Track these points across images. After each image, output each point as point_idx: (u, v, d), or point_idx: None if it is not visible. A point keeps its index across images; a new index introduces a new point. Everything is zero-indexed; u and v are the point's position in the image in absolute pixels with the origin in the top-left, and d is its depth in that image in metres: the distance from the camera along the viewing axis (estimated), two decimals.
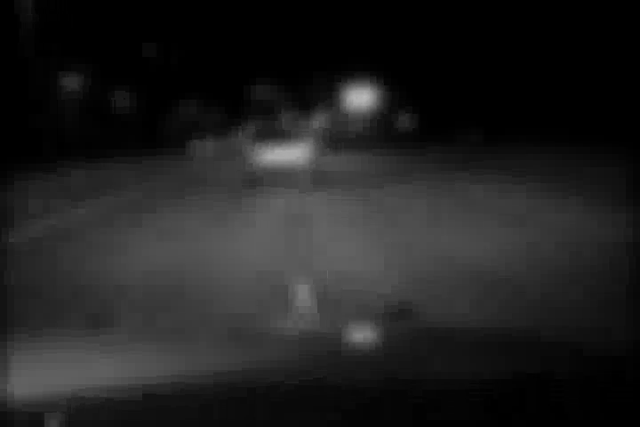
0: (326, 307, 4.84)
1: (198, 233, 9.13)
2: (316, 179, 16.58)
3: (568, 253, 6.92)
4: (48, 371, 1.26)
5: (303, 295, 5.29)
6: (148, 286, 5.85)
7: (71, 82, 42.54)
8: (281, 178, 16.73)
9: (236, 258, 7.14)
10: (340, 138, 42.05)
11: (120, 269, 6.64)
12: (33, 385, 1.17)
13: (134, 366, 1.30)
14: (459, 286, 5.46)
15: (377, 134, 49.57)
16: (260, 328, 1.74)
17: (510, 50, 39.35)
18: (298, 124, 19.44)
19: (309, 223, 9.92)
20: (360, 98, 51.72)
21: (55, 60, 37.18)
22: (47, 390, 1.14)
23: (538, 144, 29.93)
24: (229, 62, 57.77)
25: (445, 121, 45.17)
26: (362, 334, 1.62)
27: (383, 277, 5.95)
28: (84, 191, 17.10)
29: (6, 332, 1.60)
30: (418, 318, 1.84)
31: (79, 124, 42.69)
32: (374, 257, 6.96)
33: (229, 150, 48.66)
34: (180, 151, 47.41)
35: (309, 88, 55.53)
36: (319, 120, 52.49)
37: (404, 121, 51.84)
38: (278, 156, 16.79)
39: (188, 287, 5.76)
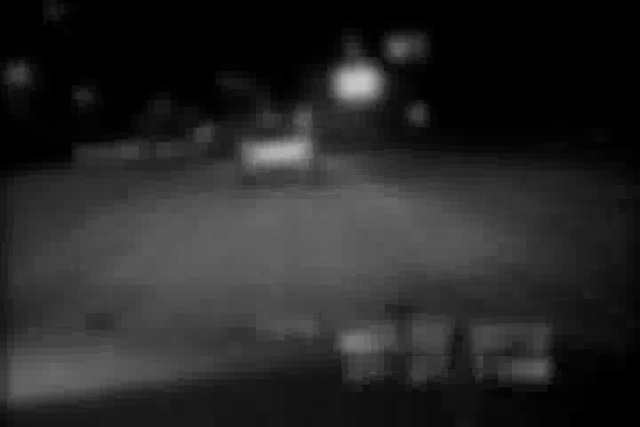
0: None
1: None
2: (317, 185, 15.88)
3: None
4: (48, 371, 1.26)
5: None
6: None
7: (17, 75, 37.55)
8: (279, 179, 16.53)
9: None
10: (335, 137, 31.32)
11: None
12: (33, 385, 1.17)
13: (134, 366, 1.30)
14: None
15: (383, 133, 37.28)
16: (260, 328, 1.74)
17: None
18: (289, 122, 19.15)
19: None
20: (358, 85, 40.01)
21: None
22: (47, 390, 1.14)
23: None
24: (195, 52, 45.26)
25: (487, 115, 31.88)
26: (361, 335, 1.61)
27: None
28: None
29: (6, 332, 1.60)
30: (418, 318, 1.84)
31: (27, 125, 37.05)
32: None
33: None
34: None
35: (290, 74, 43.46)
36: (306, 116, 41.52)
37: (419, 115, 38.47)
38: (274, 156, 16.63)
39: None
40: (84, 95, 42.86)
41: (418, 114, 38.86)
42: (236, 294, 5.72)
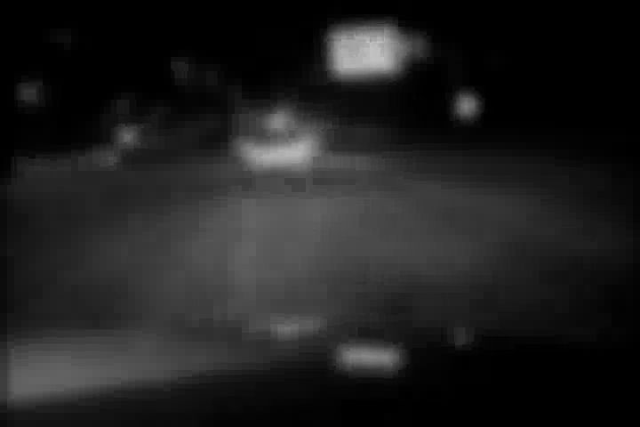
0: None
1: None
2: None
3: None
4: (48, 371, 1.27)
5: None
6: None
7: None
8: (278, 182, 16.25)
9: None
10: (339, 138, 23.22)
11: None
12: (33, 385, 1.17)
13: (134, 366, 1.30)
14: None
15: (405, 133, 24.63)
16: (260, 328, 1.74)
17: None
18: (288, 121, 18.66)
19: None
20: (367, 56, 26.16)
21: None
22: (47, 390, 1.14)
23: None
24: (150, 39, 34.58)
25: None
26: (359, 332, 1.62)
27: None
28: None
29: (6, 332, 1.61)
30: (417, 313, 1.84)
31: None
32: None
33: None
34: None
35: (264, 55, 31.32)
36: (304, 114, 26.44)
37: (466, 106, 26.12)
38: (273, 158, 16.42)
39: None
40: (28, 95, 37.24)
41: (467, 105, 26.60)
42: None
